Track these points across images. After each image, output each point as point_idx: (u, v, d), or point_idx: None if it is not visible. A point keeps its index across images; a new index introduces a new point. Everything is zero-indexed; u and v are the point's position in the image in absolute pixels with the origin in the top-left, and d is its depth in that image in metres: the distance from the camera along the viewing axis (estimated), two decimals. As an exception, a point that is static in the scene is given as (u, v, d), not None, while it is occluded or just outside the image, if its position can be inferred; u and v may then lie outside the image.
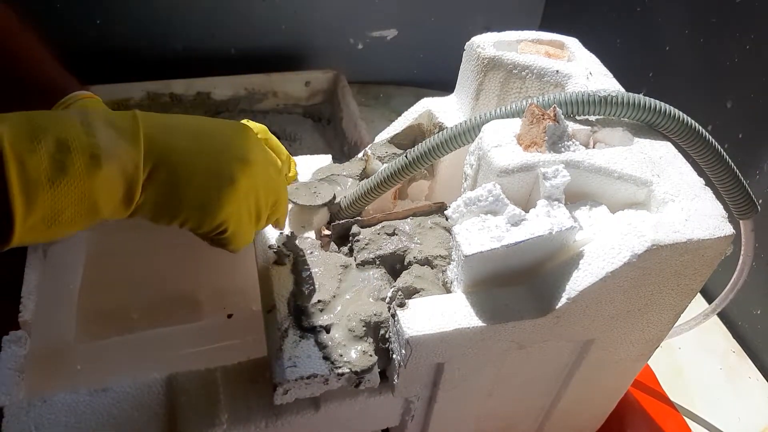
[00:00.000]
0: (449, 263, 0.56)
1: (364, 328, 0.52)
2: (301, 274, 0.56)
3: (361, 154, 0.66)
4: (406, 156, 0.56)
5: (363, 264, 0.57)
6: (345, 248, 0.59)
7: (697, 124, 0.52)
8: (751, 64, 0.81)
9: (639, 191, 0.52)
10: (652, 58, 1.00)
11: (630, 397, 0.77)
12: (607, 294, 0.49)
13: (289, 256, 0.57)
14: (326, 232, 0.60)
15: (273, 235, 0.59)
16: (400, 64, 1.30)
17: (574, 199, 0.52)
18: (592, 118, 0.56)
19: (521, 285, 0.51)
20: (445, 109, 0.65)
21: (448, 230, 0.58)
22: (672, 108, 0.52)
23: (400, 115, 0.68)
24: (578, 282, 0.48)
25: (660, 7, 0.98)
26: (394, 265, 0.57)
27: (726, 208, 0.50)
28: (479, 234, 0.49)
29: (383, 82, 1.30)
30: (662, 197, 0.51)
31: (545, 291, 0.50)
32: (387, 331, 0.52)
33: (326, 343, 0.51)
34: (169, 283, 0.74)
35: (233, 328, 0.71)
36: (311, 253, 0.58)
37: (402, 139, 0.67)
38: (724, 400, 0.80)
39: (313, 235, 0.60)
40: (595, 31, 1.11)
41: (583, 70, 0.59)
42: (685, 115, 0.52)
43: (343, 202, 0.61)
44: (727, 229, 0.48)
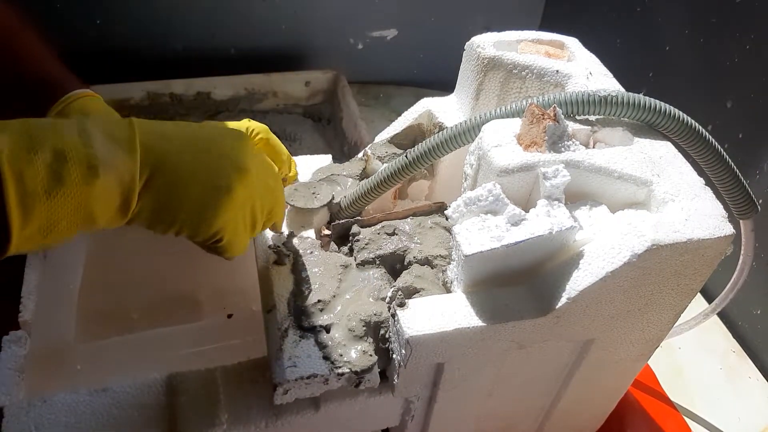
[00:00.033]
0: (449, 263, 0.56)
1: (364, 328, 0.52)
2: (301, 274, 0.56)
3: (361, 154, 0.66)
4: (406, 156, 0.56)
5: (363, 264, 0.57)
6: (345, 248, 0.59)
7: (697, 124, 0.52)
8: (751, 64, 0.81)
9: (639, 191, 0.52)
10: (652, 58, 1.00)
11: (630, 397, 0.77)
12: (607, 294, 0.49)
13: (289, 256, 0.57)
14: (326, 232, 0.60)
15: (273, 235, 0.59)
16: (400, 64, 1.30)
17: (574, 199, 0.52)
18: (592, 118, 0.56)
19: (521, 285, 0.51)
20: (445, 109, 0.65)
21: (448, 230, 0.58)
22: (672, 108, 0.52)
23: (400, 115, 0.68)
24: (578, 282, 0.48)
25: (660, 7, 0.98)
26: (394, 265, 0.57)
27: (726, 208, 0.50)
28: (479, 234, 0.49)
29: (383, 82, 1.30)
30: (662, 197, 0.51)
31: (545, 291, 0.50)
32: (387, 331, 0.52)
33: (326, 343, 0.51)
34: (169, 283, 0.74)
35: (233, 328, 0.71)
36: (311, 253, 0.58)
37: (402, 139, 0.67)
38: (724, 400, 0.80)
39: (313, 235, 0.60)
40: (595, 31, 1.11)
41: (583, 70, 0.59)
42: (685, 115, 0.52)
43: (343, 202, 0.61)
44: (727, 229, 0.48)
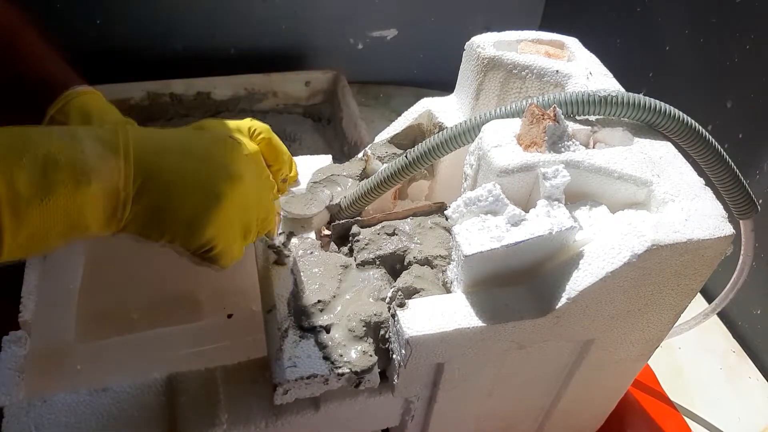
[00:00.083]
0: (449, 263, 0.56)
1: (364, 328, 0.52)
2: (301, 274, 0.56)
3: (361, 154, 0.66)
4: (406, 156, 0.56)
5: (363, 264, 0.57)
6: (345, 248, 0.59)
7: (697, 124, 0.52)
8: (751, 64, 0.81)
9: (639, 191, 0.52)
10: (652, 58, 1.00)
11: (630, 397, 0.77)
12: (607, 294, 0.49)
13: (289, 256, 0.57)
14: (326, 232, 0.60)
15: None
16: (400, 64, 1.30)
17: (574, 199, 0.52)
18: (592, 118, 0.56)
19: (521, 285, 0.51)
20: (445, 109, 0.65)
21: (448, 230, 0.58)
22: (672, 108, 0.52)
23: (400, 115, 0.68)
24: (578, 282, 0.48)
25: (660, 7, 0.98)
26: (394, 265, 0.57)
27: (726, 208, 0.50)
28: (479, 234, 0.49)
29: (383, 82, 1.30)
30: (662, 197, 0.51)
31: (545, 291, 0.50)
32: (387, 331, 0.52)
33: (326, 343, 0.51)
34: (169, 283, 0.74)
35: (233, 328, 0.71)
36: (311, 253, 0.58)
37: (402, 139, 0.67)
38: (724, 400, 0.80)
39: (313, 235, 0.60)
40: (595, 31, 1.11)
41: (583, 70, 0.59)
42: (685, 115, 0.52)
43: (343, 203, 0.61)
44: (727, 229, 0.48)
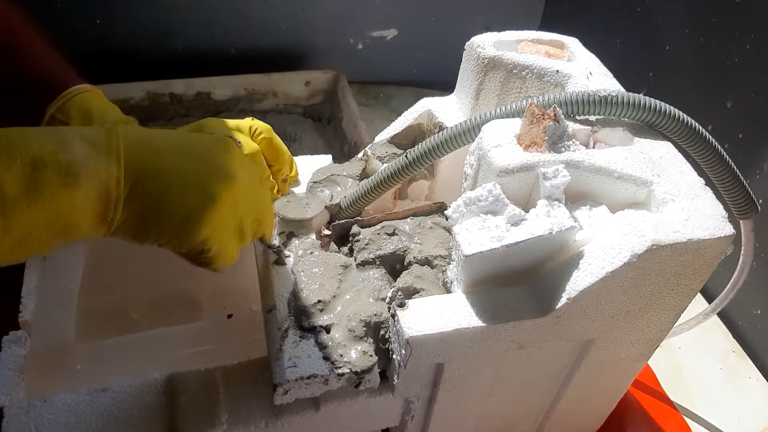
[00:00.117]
0: (449, 263, 0.56)
1: (364, 329, 0.52)
2: (301, 274, 0.56)
3: (361, 154, 0.66)
4: (406, 156, 0.56)
5: (363, 264, 0.57)
6: (345, 248, 0.59)
7: (697, 124, 0.52)
8: (751, 64, 0.81)
9: (639, 191, 0.52)
10: (652, 58, 1.00)
11: (630, 397, 0.77)
12: (607, 294, 0.49)
13: (290, 256, 0.57)
14: (326, 232, 0.60)
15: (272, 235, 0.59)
16: (400, 64, 1.30)
17: (574, 199, 0.52)
18: (592, 118, 0.56)
19: (521, 285, 0.51)
20: (445, 109, 0.65)
21: (448, 230, 0.58)
22: (672, 108, 0.52)
23: (400, 115, 0.68)
24: (578, 282, 0.48)
25: (660, 7, 0.98)
26: (394, 265, 0.57)
27: (726, 208, 0.50)
28: (479, 234, 0.49)
29: (383, 82, 1.30)
30: (662, 197, 0.51)
31: (545, 291, 0.50)
32: (387, 332, 0.52)
33: (326, 343, 0.51)
34: (169, 283, 0.73)
35: (233, 328, 0.71)
36: (311, 253, 0.58)
37: (402, 139, 0.67)
38: (724, 400, 0.80)
39: (313, 235, 0.60)
40: (595, 31, 1.11)
41: (583, 70, 0.59)
42: (685, 115, 0.52)
43: (343, 202, 0.61)
44: (727, 229, 0.48)
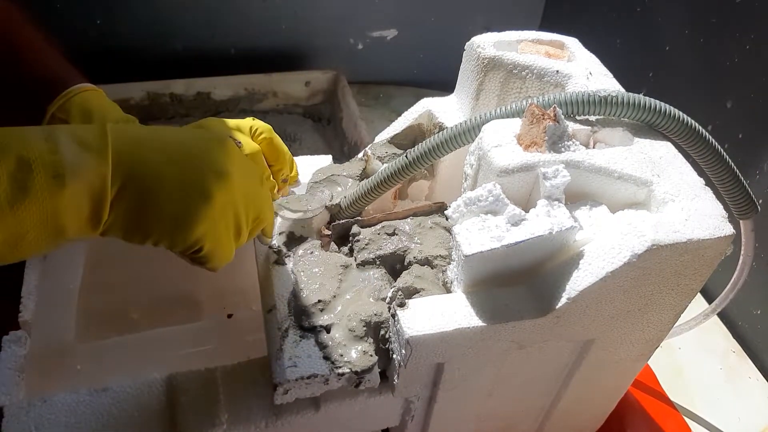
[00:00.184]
0: (449, 263, 0.56)
1: (365, 328, 0.52)
2: (301, 274, 0.56)
3: (361, 154, 0.66)
4: (406, 156, 0.56)
5: (363, 264, 0.57)
6: (345, 248, 0.59)
7: (697, 124, 0.52)
8: (751, 64, 0.81)
9: (639, 191, 0.52)
10: (652, 58, 1.00)
11: (630, 397, 0.77)
12: (607, 294, 0.49)
13: (290, 256, 0.57)
14: (326, 232, 0.60)
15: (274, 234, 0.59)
16: (400, 64, 1.30)
17: (574, 199, 0.52)
18: (592, 118, 0.56)
19: (521, 285, 0.51)
20: (445, 109, 0.65)
21: (448, 230, 0.58)
22: (672, 108, 0.52)
23: (400, 115, 0.68)
24: (578, 282, 0.48)
25: (660, 7, 0.98)
26: (394, 265, 0.57)
27: (726, 208, 0.50)
28: (479, 234, 0.49)
29: (383, 82, 1.30)
30: (662, 197, 0.51)
31: (545, 291, 0.50)
32: (387, 331, 0.52)
33: (326, 343, 0.51)
34: (169, 283, 0.74)
35: (233, 328, 0.71)
36: (311, 253, 0.58)
37: (402, 139, 0.67)
38: (724, 400, 0.80)
39: (314, 235, 0.60)
40: (595, 31, 1.11)
41: (583, 70, 0.59)
42: (685, 115, 0.52)
43: (343, 202, 0.61)
44: (727, 229, 0.48)
